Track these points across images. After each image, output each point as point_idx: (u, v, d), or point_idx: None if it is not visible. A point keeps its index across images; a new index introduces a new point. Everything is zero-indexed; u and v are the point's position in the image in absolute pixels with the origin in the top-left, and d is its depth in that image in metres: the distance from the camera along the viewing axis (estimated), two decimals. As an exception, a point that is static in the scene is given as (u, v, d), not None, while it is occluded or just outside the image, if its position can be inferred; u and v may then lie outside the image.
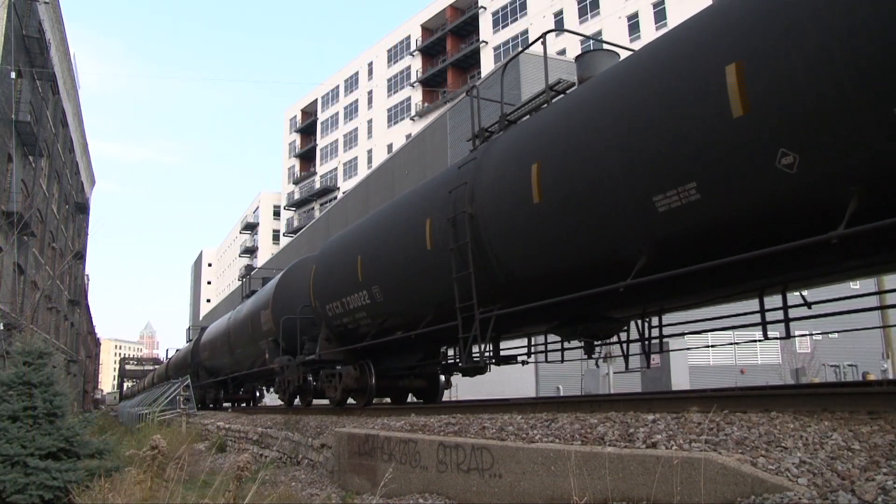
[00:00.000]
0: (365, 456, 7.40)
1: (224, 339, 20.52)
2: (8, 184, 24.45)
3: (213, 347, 22.63)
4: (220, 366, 22.16)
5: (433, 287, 8.42)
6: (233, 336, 19.32)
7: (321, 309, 11.69)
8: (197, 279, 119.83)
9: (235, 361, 19.69)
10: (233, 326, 19.45)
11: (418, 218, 8.73)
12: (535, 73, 26.66)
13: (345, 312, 10.85)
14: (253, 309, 17.30)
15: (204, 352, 24.22)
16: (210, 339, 23.32)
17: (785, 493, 3.31)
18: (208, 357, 23.52)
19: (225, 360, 21.03)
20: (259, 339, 16.45)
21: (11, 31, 23.64)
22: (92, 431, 10.29)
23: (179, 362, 30.93)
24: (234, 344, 19.24)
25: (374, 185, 39.48)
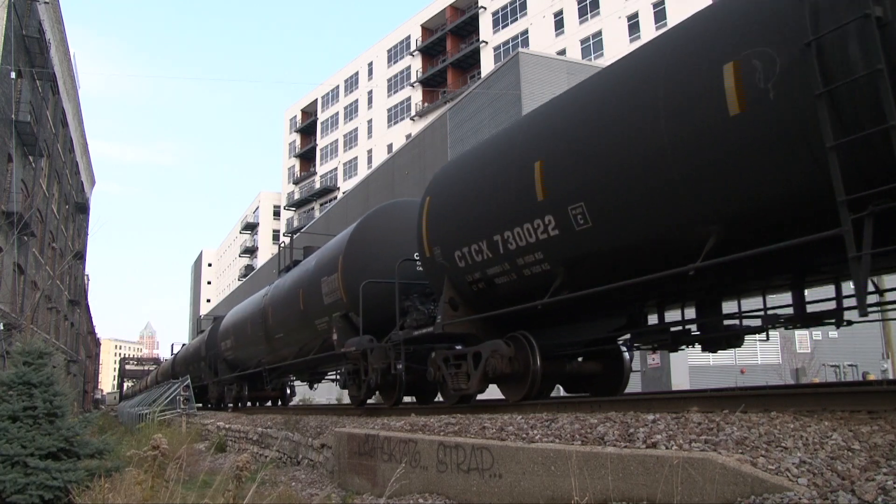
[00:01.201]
0: (365, 456, 7.40)
1: (256, 324, 16.83)
2: (8, 184, 24.44)
3: (238, 335, 19.05)
4: (248, 356, 18.55)
5: (743, 175, 4.96)
6: (271, 318, 15.64)
7: (444, 259, 8.25)
8: (197, 279, 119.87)
9: (273, 350, 15.99)
10: (271, 306, 15.77)
11: (705, 62, 5.17)
12: (534, 72, 26.66)
13: (494, 259, 7.46)
14: (304, 279, 13.32)
15: (224, 341, 20.71)
16: (234, 325, 19.67)
17: (785, 493, 3.32)
18: (231, 347, 19.97)
19: (257, 349, 17.22)
20: (317, 317, 12.61)
21: (11, 31, 23.64)
22: (92, 431, 10.29)
23: (190, 357, 28.17)
24: (274, 328, 15.54)
25: (374, 185, 39.48)
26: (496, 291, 7.80)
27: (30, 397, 7.65)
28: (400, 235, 10.65)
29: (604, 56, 49.02)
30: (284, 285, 15.09)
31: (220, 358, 21.04)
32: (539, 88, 26.08)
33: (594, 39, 51.52)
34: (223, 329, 21.08)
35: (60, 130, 37.02)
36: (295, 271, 14.74)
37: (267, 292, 16.80)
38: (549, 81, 26.36)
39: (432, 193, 8.77)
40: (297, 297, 13.50)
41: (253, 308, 17.76)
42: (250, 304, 18.54)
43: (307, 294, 12.93)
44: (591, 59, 46.67)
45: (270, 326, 15.68)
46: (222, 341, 20.80)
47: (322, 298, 12.04)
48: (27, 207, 25.99)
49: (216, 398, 22.68)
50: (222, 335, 20.96)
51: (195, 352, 26.57)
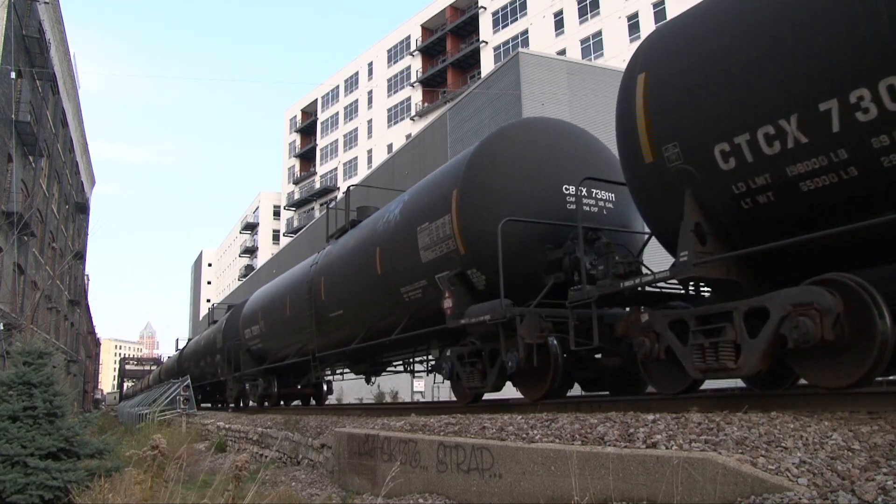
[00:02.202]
0: (365, 456, 7.40)
1: (300, 302, 13.55)
2: (8, 184, 24.44)
3: (270, 320, 15.83)
4: (284, 344, 15.28)
5: None
6: (325, 293, 12.40)
7: (688, 162, 5.35)
8: (197, 279, 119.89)
9: (325, 333, 12.71)
10: (324, 277, 12.42)
11: None
12: (534, 72, 26.66)
13: (808, 147, 4.62)
14: (384, 235, 10.08)
15: (249, 328, 17.43)
16: (264, 308, 16.42)
17: (785, 493, 3.31)
18: (260, 335, 16.71)
19: (300, 335, 13.80)
20: (407, 283, 9.38)
21: (11, 31, 23.64)
22: (92, 431, 10.29)
23: (202, 350, 25.36)
24: (329, 305, 12.25)
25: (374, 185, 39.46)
26: (792, 206, 4.89)
27: (30, 397, 7.65)
28: (547, 155, 7.89)
29: (604, 56, 49.03)
30: (345, 248, 11.66)
31: (244, 348, 17.66)
32: (539, 88, 26.08)
33: (594, 39, 51.51)
34: (248, 314, 17.73)
35: (60, 130, 37.02)
36: (358, 231, 11.41)
37: (315, 262, 13.26)
38: (549, 81, 26.37)
39: (652, 63, 5.78)
40: (371, 259, 10.11)
41: (293, 284, 14.31)
42: (289, 281, 14.97)
43: (389, 253, 9.65)
44: (591, 59, 46.69)
45: (323, 304, 12.29)
46: (247, 328, 17.44)
47: (418, 255, 8.75)
48: (27, 207, 25.99)
49: (236, 396, 19.78)
50: (246, 321, 17.66)
51: (209, 344, 23.84)
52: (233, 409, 21.44)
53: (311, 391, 17.83)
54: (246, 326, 17.64)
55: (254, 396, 17.77)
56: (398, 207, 9.88)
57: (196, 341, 28.10)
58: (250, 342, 17.42)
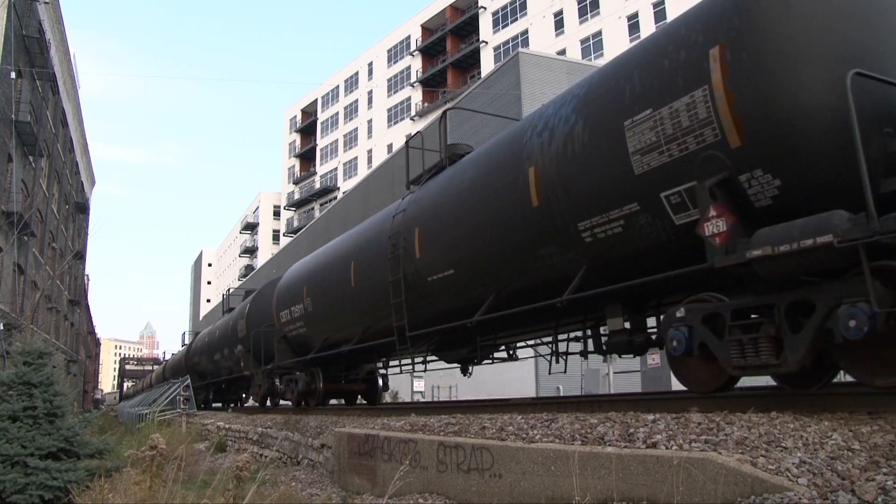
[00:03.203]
0: (365, 456, 7.40)
1: (376, 265, 10.15)
2: (8, 184, 24.44)
3: (326, 292, 12.12)
4: (345, 324, 11.79)
5: None
6: (421, 250, 8.97)
7: None
8: (197, 279, 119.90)
9: (418, 306, 9.36)
10: (422, 228, 9.05)
11: None
12: (534, 73, 26.66)
13: None
14: (553, 146, 6.77)
15: (286, 310, 13.86)
16: (313, 280, 12.76)
17: (785, 493, 3.31)
18: (303, 317, 13.08)
19: (374, 312, 10.63)
20: (598, 211, 6.30)
21: (11, 31, 23.64)
22: (92, 431, 10.29)
23: (216, 343, 22.16)
24: (429, 264, 8.87)
25: (374, 185, 39.47)
26: None
27: (30, 397, 7.65)
28: None
29: (604, 56, 49.01)
30: (456, 183, 8.43)
31: (279, 336, 14.41)
32: (539, 88, 26.08)
33: (594, 39, 51.51)
34: (285, 293, 14.16)
35: (60, 130, 37.03)
36: (477, 160, 8.38)
37: (400, 211, 9.77)
38: (549, 81, 26.36)
39: None
40: (517, 187, 7.08)
41: (361, 245, 10.96)
42: (353, 242, 11.48)
43: (560, 175, 6.53)
44: (591, 59, 46.68)
45: (419, 264, 8.89)
46: (283, 310, 14.05)
47: (624, 165, 5.80)
48: (27, 207, 25.99)
49: (264, 394, 16.83)
50: (283, 302, 14.15)
51: (226, 335, 20.72)
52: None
53: (363, 387, 14.51)
54: (283, 308, 14.04)
55: (291, 394, 14.47)
56: (568, 107, 6.67)
57: (209, 332, 24.47)
58: (288, 328, 13.89)
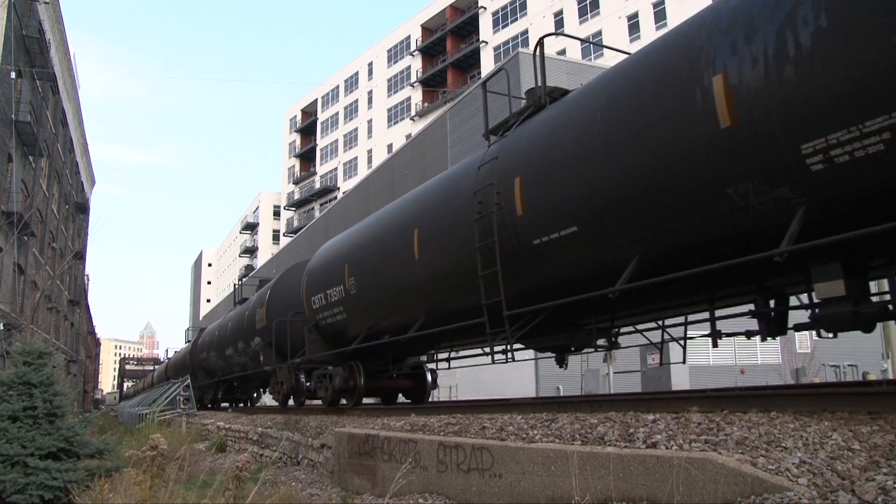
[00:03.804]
0: (365, 456, 7.40)
1: (449, 228, 8.46)
2: (8, 184, 24.45)
3: (376, 268, 10.25)
4: (404, 306, 9.81)
5: None
6: (526, 205, 7.12)
7: None
8: (197, 279, 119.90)
9: (520, 276, 7.44)
10: (555, 159, 6.82)
11: None
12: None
13: None
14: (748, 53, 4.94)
15: (325, 292, 11.82)
16: (360, 252, 10.87)
17: (785, 493, 3.31)
18: (350, 298, 10.93)
19: (440, 291, 8.89)
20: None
21: (11, 31, 23.64)
22: (92, 431, 10.30)
23: (228, 335, 19.94)
24: (559, 207, 6.70)
25: (374, 185, 39.48)
26: None
27: (30, 397, 7.66)
28: None
29: (604, 56, 49.01)
30: (587, 110, 6.50)
31: (311, 324, 12.49)
32: (539, 88, 26.02)
33: (594, 39, 51.50)
34: (319, 274, 12.19)
35: (60, 130, 37.03)
36: (609, 79, 6.53)
37: (485, 160, 7.93)
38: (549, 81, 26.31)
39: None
40: (692, 103, 5.29)
41: (431, 205, 8.98)
42: (416, 202, 9.55)
43: (772, 84, 4.73)
44: (591, 59, 46.68)
45: (520, 224, 7.10)
46: (316, 295, 12.07)
47: None
48: (27, 207, 25.99)
49: (287, 391, 14.75)
50: (316, 285, 12.13)
51: (240, 328, 18.36)
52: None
53: (409, 383, 12.66)
54: (315, 293, 12.14)
55: (323, 392, 12.36)
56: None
57: (219, 326, 22.23)
58: (322, 315, 11.92)
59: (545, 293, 7.17)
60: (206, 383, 24.90)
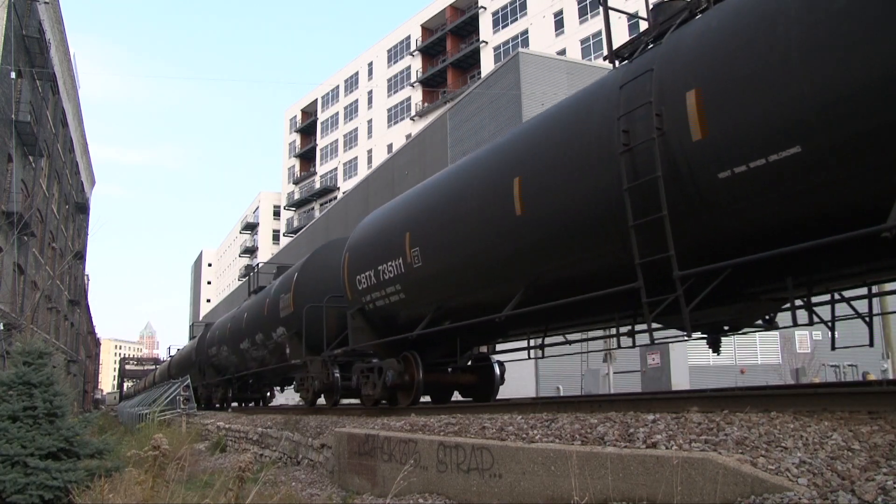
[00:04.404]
0: (365, 456, 7.40)
1: (571, 167, 6.60)
2: (8, 184, 24.45)
3: (448, 233, 8.64)
4: (491, 279, 8.10)
5: None
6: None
7: None
8: (197, 279, 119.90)
9: (733, 211, 5.36)
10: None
11: None
12: (535, 73, 26.66)
13: None
14: None
15: (375, 269, 10.06)
16: (425, 215, 9.24)
17: (785, 493, 3.32)
18: (411, 275, 9.23)
19: (552, 254, 7.10)
20: None
21: (11, 31, 23.64)
22: (92, 431, 10.30)
23: (245, 327, 17.74)
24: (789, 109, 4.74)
25: (374, 185, 39.48)
26: None
27: (30, 397, 7.66)
28: None
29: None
30: None
31: (353, 309, 10.63)
32: (539, 88, 26.08)
33: (594, 39, 51.52)
34: (365, 248, 10.49)
35: (60, 130, 37.02)
36: None
37: (628, 77, 6.23)
38: (549, 81, 26.37)
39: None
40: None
41: (541, 146, 7.20)
42: (518, 147, 7.66)
43: None
44: (591, 59, 46.69)
45: (701, 150, 5.40)
46: (360, 273, 10.34)
47: None
48: (27, 207, 25.99)
49: (319, 389, 12.96)
50: (361, 261, 10.47)
51: (258, 319, 16.32)
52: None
53: (474, 378, 10.70)
54: (360, 270, 10.36)
55: (371, 388, 10.41)
56: None
57: (231, 318, 20.31)
58: (371, 296, 10.17)
59: (726, 247, 5.51)
60: (215, 381, 23.02)
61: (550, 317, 8.04)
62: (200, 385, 24.92)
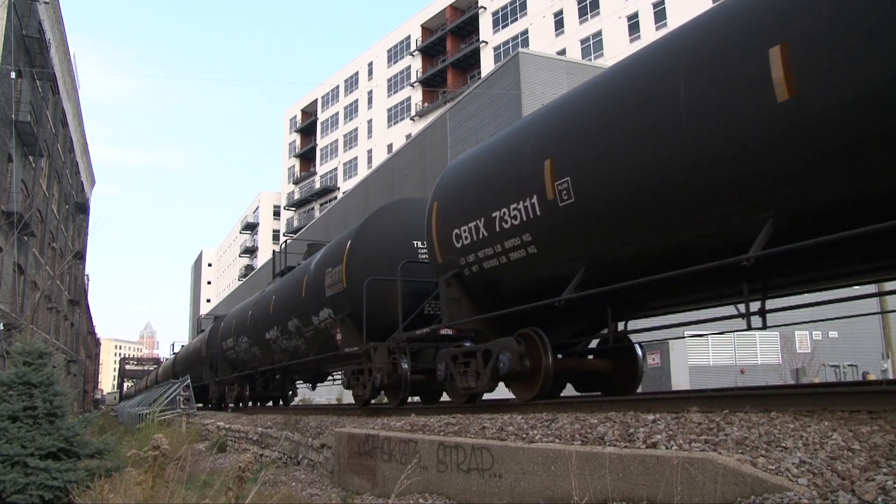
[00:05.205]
0: (365, 456, 7.40)
1: None
2: (8, 184, 24.45)
3: None
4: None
5: None
6: None
7: None
8: (197, 279, 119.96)
9: None
10: None
11: None
12: (534, 73, 26.67)
13: None
14: None
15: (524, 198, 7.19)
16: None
17: (785, 493, 3.32)
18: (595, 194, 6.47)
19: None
20: None
21: (11, 31, 23.64)
22: (92, 431, 10.30)
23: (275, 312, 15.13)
24: None
25: (374, 185, 39.49)
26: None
27: (30, 397, 7.66)
28: None
29: (604, 56, 49.04)
30: None
31: (449, 274, 8.41)
32: (539, 88, 26.09)
33: (594, 39, 51.54)
34: (468, 192, 8.22)
35: (60, 130, 37.03)
36: None
37: None
38: (549, 81, 26.37)
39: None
40: None
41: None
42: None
43: None
44: (592, 60, 46.70)
45: None
46: (460, 226, 8.15)
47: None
48: (27, 207, 25.99)
49: (380, 385, 10.18)
50: (462, 209, 8.24)
51: (292, 300, 13.98)
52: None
53: (610, 365, 8.19)
54: (461, 222, 8.12)
55: (470, 379, 8.07)
56: None
57: (254, 305, 17.76)
58: (474, 256, 7.90)
59: None
60: (230, 377, 20.47)
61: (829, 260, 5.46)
62: (212, 382, 22.79)
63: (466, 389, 8.24)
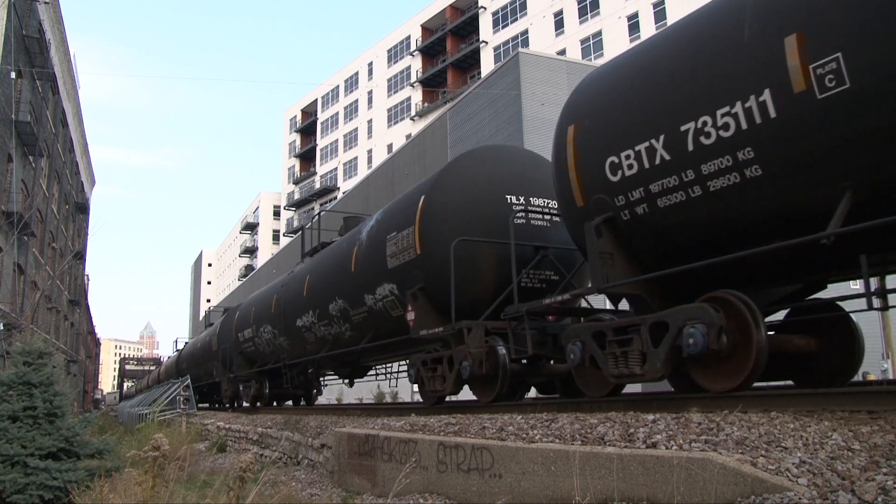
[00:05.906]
0: (365, 456, 7.40)
1: None
2: (8, 184, 24.44)
3: None
4: None
5: None
6: None
7: None
8: (197, 279, 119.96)
9: None
10: None
11: None
12: (534, 73, 26.67)
13: None
14: None
15: None
16: None
17: (785, 493, 3.32)
18: None
19: None
20: None
21: (11, 31, 23.63)
22: (92, 431, 10.30)
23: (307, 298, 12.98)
24: None
25: (374, 185, 39.48)
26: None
27: (30, 397, 7.66)
28: None
29: (604, 56, 49.01)
30: None
31: (599, 219, 6.21)
32: (539, 88, 26.09)
33: (594, 39, 51.51)
34: (669, 90, 5.73)
35: (60, 130, 37.02)
36: None
37: None
38: (549, 81, 26.38)
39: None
40: None
41: None
42: None
43: None
44: (592, 59, 46.69)
45: None
46: (617, 153, 6.05)
47: None
48: (27, 207, 25.99)
49: (469, 375, 8.12)
50: (619, 128, 6.14)
51: (337, 279, 11.74)
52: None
53: (812, 344, 6.21)
54: (616, 148, 6.14)
55: (634, 364, 5.88)
56: None
57: (280, 288, 15.37)
58: (640, 192, 5.94)
59: None
60: (247, 374, 18.03)
61: None
62: (225, 379, 20.36)
63: (620, 377, 6.09)
